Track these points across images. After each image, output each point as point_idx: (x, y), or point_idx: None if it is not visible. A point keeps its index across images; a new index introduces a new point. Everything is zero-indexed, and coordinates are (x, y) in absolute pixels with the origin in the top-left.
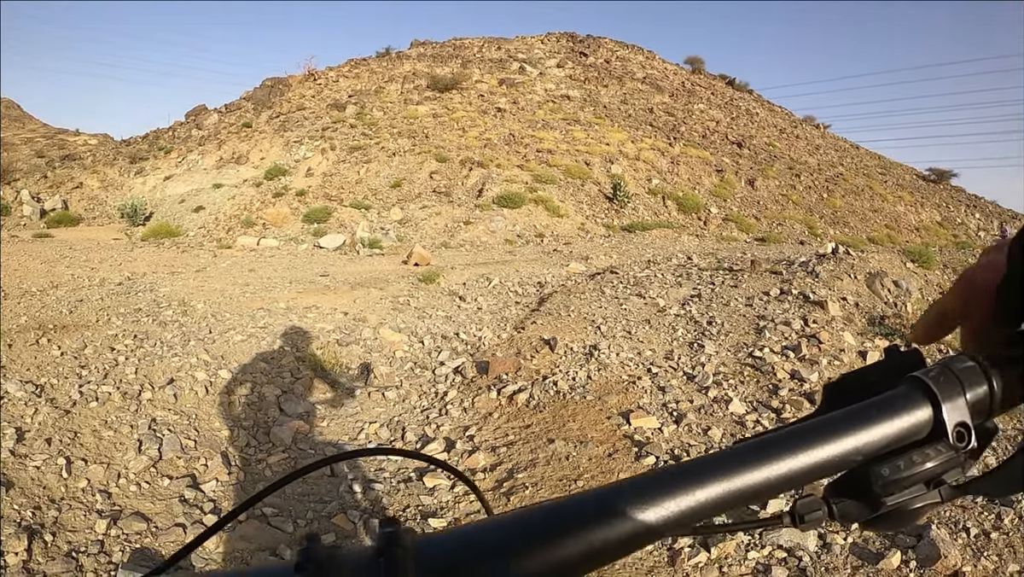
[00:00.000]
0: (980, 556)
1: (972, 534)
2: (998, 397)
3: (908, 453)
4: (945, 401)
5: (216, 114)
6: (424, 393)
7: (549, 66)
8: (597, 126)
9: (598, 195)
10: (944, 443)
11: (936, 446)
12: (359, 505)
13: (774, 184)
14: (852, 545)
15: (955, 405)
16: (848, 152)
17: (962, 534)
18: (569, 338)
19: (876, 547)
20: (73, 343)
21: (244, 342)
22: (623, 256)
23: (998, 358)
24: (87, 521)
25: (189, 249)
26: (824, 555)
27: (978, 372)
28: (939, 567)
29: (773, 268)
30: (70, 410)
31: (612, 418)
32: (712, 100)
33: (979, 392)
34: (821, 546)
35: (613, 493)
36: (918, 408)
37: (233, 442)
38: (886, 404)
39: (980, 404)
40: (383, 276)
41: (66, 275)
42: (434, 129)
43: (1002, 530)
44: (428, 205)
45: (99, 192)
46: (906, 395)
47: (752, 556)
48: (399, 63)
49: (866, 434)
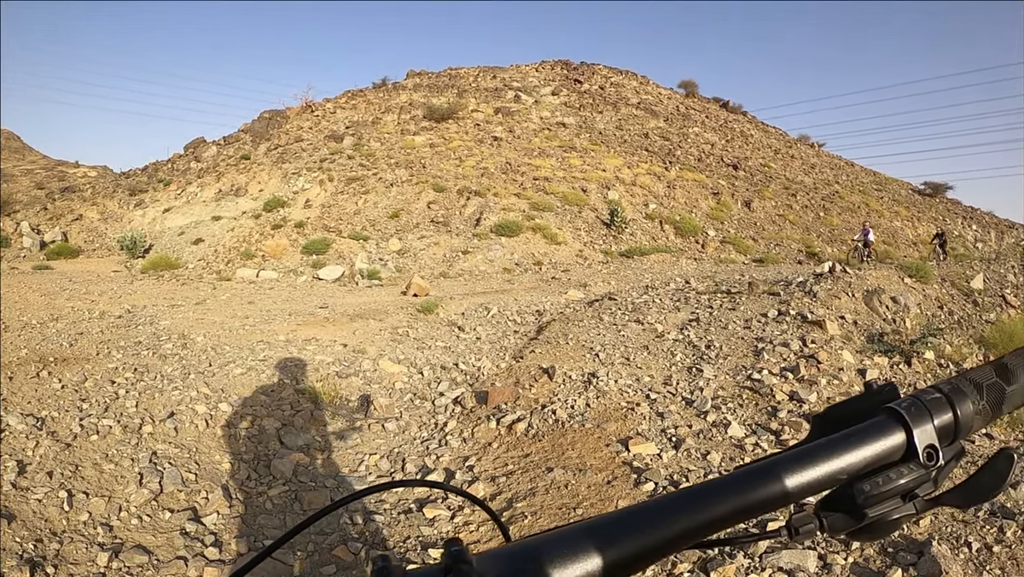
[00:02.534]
0: (982, 570)
1: (974, 548)
2: (962, 423)
3: (885, 471)
4: (915, 427)
5: (215, 146)
6: (424, 424)
7: (544, 94)
8: (593, 152)
9: (595, 221)
10: (915, 462)
11: (908, 465)
12: (360, 537)
13: (770, 205)
14: (853, 565)
15: (924, 430)
16: (843, 170)
17: (964, 549)
18: (568, 366)
19: (877, 565)
20: (74, 376)
21: (244, 375)
22: (621, 282)
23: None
24: (89, 554)
25: (189, 281)
26: (825, 576)
27: (944, 403)
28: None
29: (771, 289)
30: (71, 443)
31: (611, 445)
32: (707, 123)
33: (945, 419)
34: (821, 567)
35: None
36: (893, 434)
37: (234, 475)
38: (866, 431)
39: (946, 429)
40: (382, 307)
41: (66, 307)
42: (431, 159)
43: (1004, 543)
44: (426, 235)
45: (99, 224)
46: (883, 423)
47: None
48: (396, 94)
49: (850, 456)
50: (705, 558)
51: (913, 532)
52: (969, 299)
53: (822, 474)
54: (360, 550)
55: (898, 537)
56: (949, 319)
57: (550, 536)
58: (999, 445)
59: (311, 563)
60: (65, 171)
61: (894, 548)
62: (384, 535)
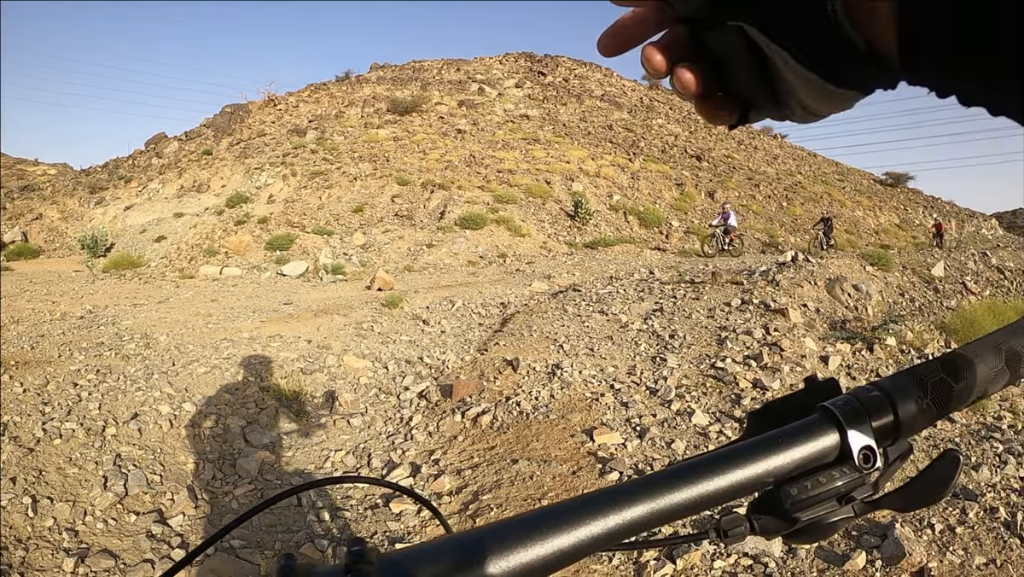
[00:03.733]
0: (946, 551)
1: (937, 530)
2: (904, 423)
3: (815, 475)
4: (850, 428)
5: (176, 142)
6: (389, 419)
7: (508, 86)
8: (557, 144)
9: (560, 213)
10: (849, 464)
11: (842, 468)
12: (327, 534)
13: (734, 195)
14: (817, 549)
15: (860, 430)
16: (806, 160)
17: (927, 531)
18: (532, 358)
19: (841, 549)
20: (35, 379)
21: (208, 374)
22: (586, 273)
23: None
24: (55, 560)
25: (151, 280)
26: (790, 560)
27: (884, 402)
28: (904, 565)
29: (734, 279)
30: (34, 448)
31: (576, 436)
32: (671, 115)
33: (884, 419)
34: (787, 552)
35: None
36: (826, 434)
37: (199, 475)
38: (796, 431)
39: (885, 429)
40: (346, 302)
41: (27, 309)
42: (395, 152)
43: (967, 524)
44: (391, 229)
45: (59, 223)
46: (816, 423)
47: (718, 565)
48: (359, 87)
49: (776, 459)
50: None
51: (876, 515)
52: (930, 286)
53: (746, 477)
54: (327, 547)
55: (862, 521)
56: (911, 306)
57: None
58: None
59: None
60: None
61: (858, 531)
62: (351, 531)
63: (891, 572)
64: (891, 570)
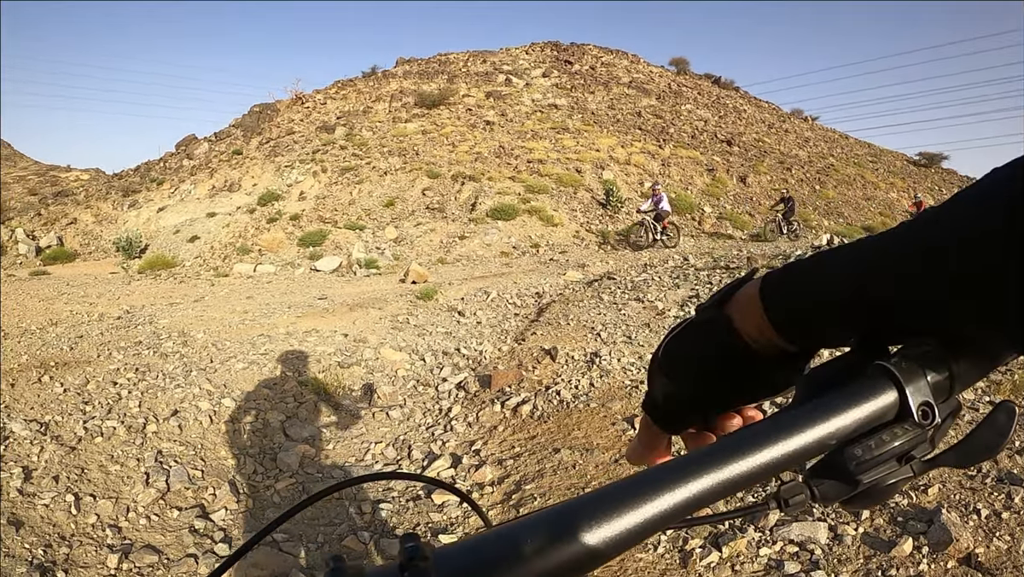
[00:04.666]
0: (992, 537)
1: (983, 516)
2: (958, 377)
3: (878, 433)
4: (908, 384)
5: (206, 143)
6: (428, 410)
7: (535, 76)
8: (586, 133)
9: (591, 202)
10: (910, 422)
11: (903, 425)
12: (369, 526)
13: (766, 180)
14: (863, 535)
15: (917, 387)
16: (838, 142)
17: (973, 516)
18: (570, 347)
19: (888, 535)
20: (75, 379)
21: (246, 369)
22: (619, 261)
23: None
24: (98, 556)
25: (186, 279)
26: (836, 546)
27: (937, 356)
28: (951, 551)
29: (769, 264)
30: (76, 447)
31: (616, 424)
32: (699, 100)
33: (939, 374)
34: (832, 538)
35: (611, 493)
36: (884, 392)
37: (240, 470)
38: (855, 391)
39: (941, 385)
40: (381, 296)
41: (65, 311)
42: (424, 146)
43: (1013, 509)
44: (422, 222)
45: (94, 227)
46: (873, 382)
47: (764, 552)
48: (386, 82)
49: (839, 420)
50: (716, 533)
51: (922, 501)
52: None
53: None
54: (369, 540)
55: (907, 506)
56: None
57: (522, 522)
58: None
59: (321, 554)
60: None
61: (904, 517)
62: (393, 523)
63: (938, 558)
64: (938, 556)
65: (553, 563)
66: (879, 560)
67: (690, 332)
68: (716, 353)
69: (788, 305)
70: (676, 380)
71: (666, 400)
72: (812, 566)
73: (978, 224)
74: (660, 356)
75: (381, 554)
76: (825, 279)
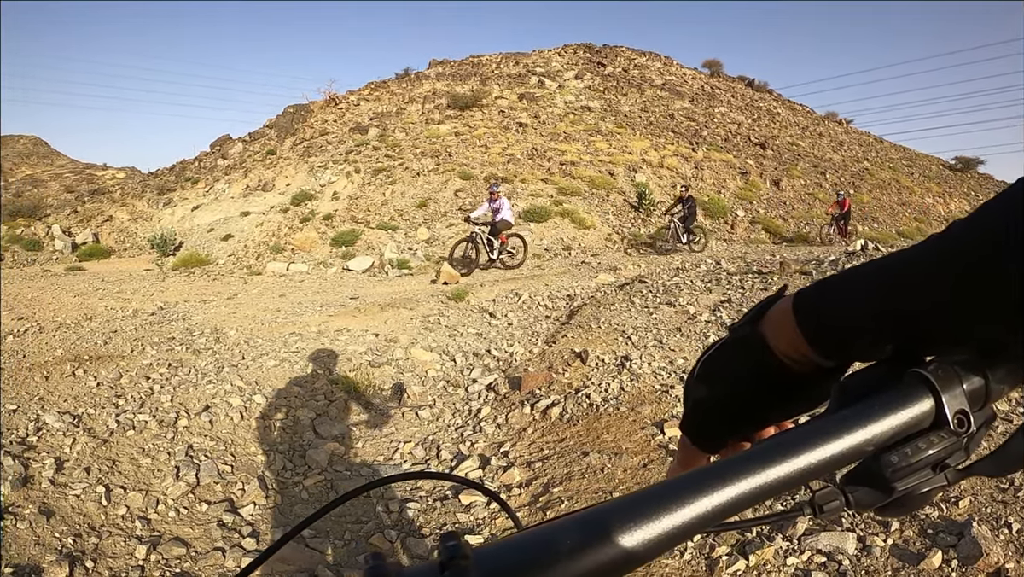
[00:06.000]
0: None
1: (1015, 530)
2: (993, 386)
3: (914, 441)
4: (944, 392)
5: (240, 143)
6: (458, 411)
7: (568, 78)
8: (619, 135)
9: (624, 205)
10: (946, 430)
11: (939, 433)
12: (396, 525)
13: (800, 183)
14: (892, 547)
15: (954, 395)
16: (872, 146)
17: (1004, 530)
18: (600, 350)
19: (917, 547)
20: (109, 373)
21: (277, 367)
22: (651, 264)
23: (990, 352)
24: (127, 547)
25: (220, 277)
26: (864, 558)
27: (973, 365)
28: (981, 565)
29: (802, 269)
30: (108, 439)
31: (646, 429)
32: (732, 102)
33: (975, 382)
34: (861, 549)
35: (647, 497)
36: (920, 400)
37: (269, 466)
38: (892, 398)
39: (976, 393)
40: (412, 296)
41: (99, 307)
42: (457, 147)
43: None
44: (455, 223)
45: (129, 224)
46: (909, 389)
47: (791, 562)
48: (418, 83)
49: (876, 426)
50: (743, 541)
51: (952, 513)
52: None
53: (847, 446)
54: (396, 538)
55: (937, 518)
56: None
57: (559, 524)
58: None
59: (347, 551)
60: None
61: (934, 529)
62: (420, 523)
63: (967, 572)
64: (967, 570)
65: (591, 564)
66: (907, 573)
67: (725, 351)
68: (751, 371)
69: (822, 320)
70: (712, 399)
71: (703, 419)
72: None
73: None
74: (696, 375)
75: (407, 553)
76: (858, 294)
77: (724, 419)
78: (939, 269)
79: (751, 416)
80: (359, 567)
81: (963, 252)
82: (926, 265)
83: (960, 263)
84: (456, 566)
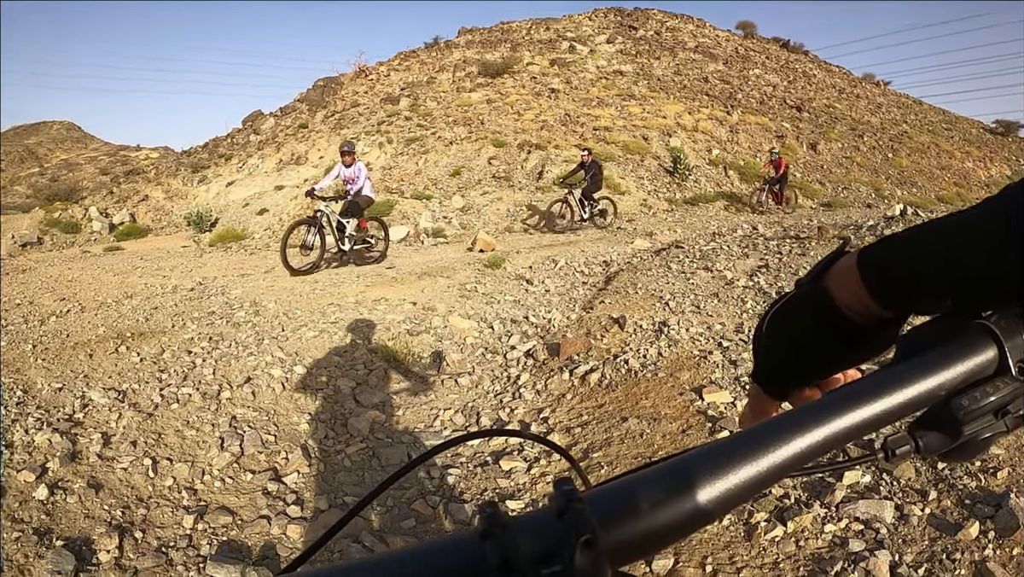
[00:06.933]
0: None
1: None
2: None
3: (981, 386)
4: (1007, 340)
5: (272, 118)
6: (496, 378)
7: (599, 43)
8: (652, 100)
9: (658, 170)
10: (1009, 376)
11: (1003, 379)
12: (438, 491)
13: (837, 147)
14: (930, 516)
15: (1016, 344)
16: (911, 108)
17: None
18: (638, 316)
19: (954, 517)
20: (151, 349)
21: (316, 338)
22: (687, 230)
23: None
24: (174, 517)
25: (256, 251)
26: (901, 526)
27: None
28: (1018, 537)
29: (840, 234)
30: (152, 413)
31: (684, 394)
32: (767, 64)
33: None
34: (898, 517)
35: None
36: (985, 348)
37: (312, 435)
38: (958, 347)
39: None
40: (449, 264)
41: (139, 285)
42: (489, 115)
43: None
44: (489, 191)
45: (164, 203)
46: (973, 337)
47: (829, 529)
48: (448, 52)
49: (947, 372)
50: (781, 508)
51: (991, 484)
52: None
53: (923, 390)
54: (438, 504)
55: (975, 489)
56: None
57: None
58: None
59: (390, 517)
60: (128, 155)
61: (971, 500)
62: (461, 488)
63: (1003, 543)
64: (1004, 541)
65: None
66: (944, 543)
67: (791, 304)
68: (816, 323)
69: (889, 272)
70: (781, 349)
71: (773, 368)
72: (877, 545)
73: None
74: (764, 329)
75: (450, 518)
76: (920, 250)
77: (792, 368)
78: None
79: (817, 365)
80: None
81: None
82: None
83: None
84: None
